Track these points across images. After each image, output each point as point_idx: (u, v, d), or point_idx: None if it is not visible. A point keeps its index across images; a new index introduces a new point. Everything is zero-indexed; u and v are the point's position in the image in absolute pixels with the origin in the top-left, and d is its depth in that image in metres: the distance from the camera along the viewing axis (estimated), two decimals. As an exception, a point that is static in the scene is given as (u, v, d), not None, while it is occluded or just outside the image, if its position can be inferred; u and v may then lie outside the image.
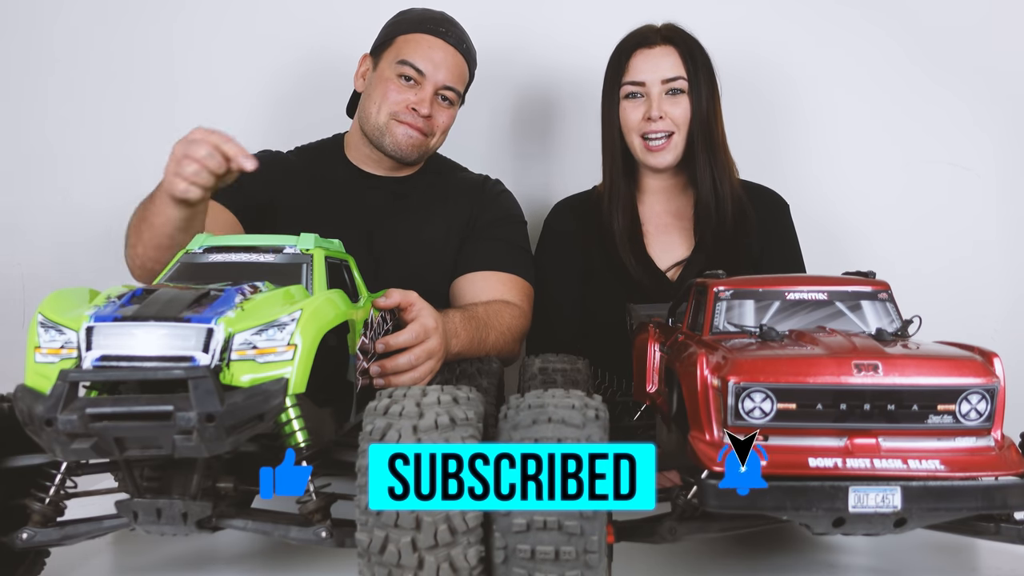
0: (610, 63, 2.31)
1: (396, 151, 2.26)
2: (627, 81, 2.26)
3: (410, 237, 2.28)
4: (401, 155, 2.27)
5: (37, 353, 1.22)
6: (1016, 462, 1.20)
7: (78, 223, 2.82)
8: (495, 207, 2.37)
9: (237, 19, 2.85)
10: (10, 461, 1.33)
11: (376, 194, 2.32)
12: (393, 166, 2.34)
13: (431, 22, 2.29)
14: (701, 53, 2.26)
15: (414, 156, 2.28)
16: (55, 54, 2.84)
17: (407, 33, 2.27)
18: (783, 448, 1.20)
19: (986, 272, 2.84)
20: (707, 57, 2.27)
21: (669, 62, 2.24)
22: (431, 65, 2.23)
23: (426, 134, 2.26)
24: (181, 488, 1.27)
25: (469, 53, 2.34)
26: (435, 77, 2.24)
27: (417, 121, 2.23)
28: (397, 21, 2.33)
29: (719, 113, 2.29)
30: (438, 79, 2.24)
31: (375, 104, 2.25)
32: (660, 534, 1.28)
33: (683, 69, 2.24)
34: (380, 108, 2.24)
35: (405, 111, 2.23)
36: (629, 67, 2.26)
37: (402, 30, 2.28)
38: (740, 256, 2.24)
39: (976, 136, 2.83)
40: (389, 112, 2.23)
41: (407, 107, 2.23)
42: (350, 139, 2.40)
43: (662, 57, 2.25)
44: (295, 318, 1.24)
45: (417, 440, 1.13)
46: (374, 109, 2.25)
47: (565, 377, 1.81)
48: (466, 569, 1.13)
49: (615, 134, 2.31)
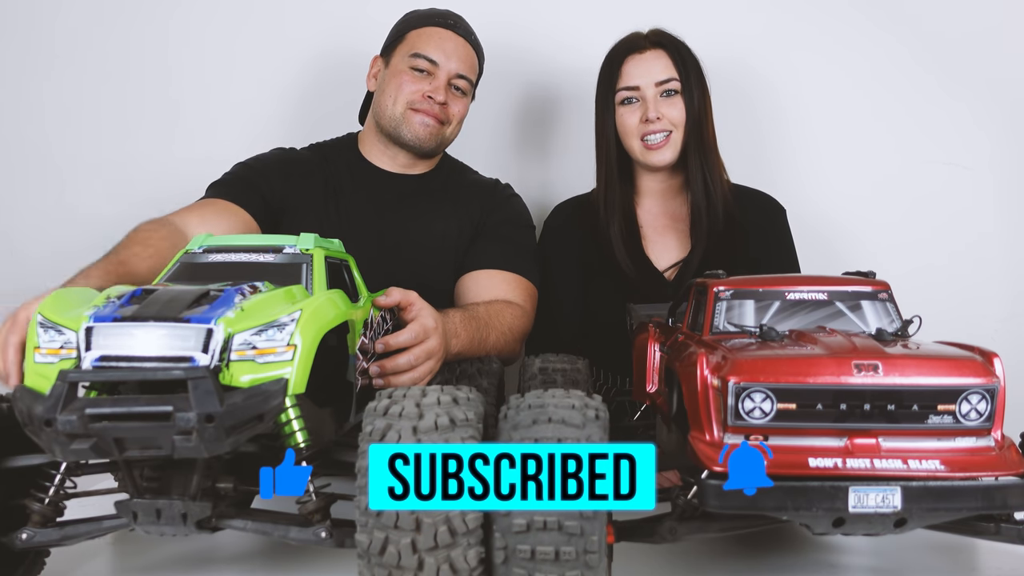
0: (602, 72, 2.34)
1: (415, 140, 2.29)
2: (622, 87, 2.29)
3: (420, 233, 2.30)
4: (420, 144, 2.29)
5: (36, 353, 1.22)
6: (1016, 462, 1.20)
7: (78, 224, 2.81)
8: (505, 209, 2.40)
9: (237, 21, 2.85)
10: (10, 461, 1.34)
11: (390, 190, 2.34)
12: (408, 163, 2.37)
13: (439, 16, 2.35)
14: (690, 55, 2.29)
15: (432, 144, 2.31)
16: (53, 56, 2.83)
17: (417, 28, 2.32)
18: (783, 448, 1.20)
19: (986, 272, 2.84)
20: (696, 59, 2.30)
21: (661, 65, 2.27)
22: (443, 55, 2.28)
23: (442, 122, 2.29)
24: (181, 488, 1.27)
25: (478, 46, 2.38)
26: (448, 66, 2.28)
27: (433, 108, 2.27)
28: (406, 19, 2.38)
29: (710, 114, 2.32)
30: (451, 68, 2.28)
31: (390, 97, 2.29)
32: (660, 534, 1.28)
33: (675, 71, 2.26)
34: (396, 100, 2.28)
35: (421, 99, 2.26)
36: (622, 73, 2.29)
37: (411, 26, 2.34)
38: (736, 257, 2.25)
39: (972, 135, 2.83)
40: (405, 102, 2.27)
41: (423, 95, 2.26)
42: (364, 137, 2.43)
43: (653, 61, 2.27)
44: (295, 318, 1.24)
45: (417, 441, 1.13)
46: (389, 102, 2.29)
47: (565, 377, 1.81)
48: (466, 570, 1.13)
49: (610, 142, 2.33)
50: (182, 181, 2.72)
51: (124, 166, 2.81)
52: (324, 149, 2.43)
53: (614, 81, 2.30)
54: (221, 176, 2.28)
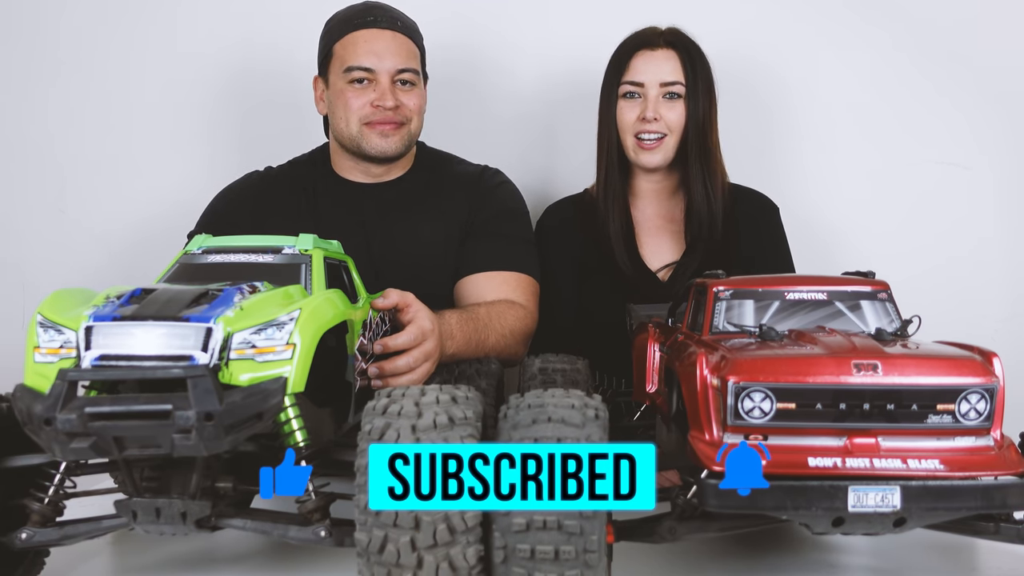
0: (611, 62, 2.33)
1: (380, 152, 2.23)
2: (626, 80, 2.28)
3: (408, 241, 2.26)
4: (385, 154, 2.23)
5: (36, 353, 1.23)
6: (1015, 462, 1.20)
7: (77, 224, 2.82)
8: (493, 201, 2.33)
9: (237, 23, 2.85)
10: (9, 461, 1.33)
11: (369, 203, 2.29)
12: (382, 171, 2.32)
13: (356, 17, 2.23)
14: (702, 61, 2.27)
15: (400, 149, 2.25)
16: (57, 57, 2.83)
17: (340, 38, 2.23)
18: (782, 448, 1.20)
19: (986, 272, 2.84)
20: (708, 66, 2.28)
21: (669, 66, 2.26)
22: (375, 58, 2.19)
23: (400, 123, 2.22)
24: (180, 487, 1.27)
25: (408, 28, 2.27)
26: (384, 67, 2.19)
27: (386, 115, 2.20)
28: (327, 30, 2.28)
29: (715, 122, 2.30)
30: (388, 67, 2.19)
31: (342, 119, 2.22)
32: (660, 534, 1.28)
33: (682, 75, 2.25)
34: (348, 120, 2.21)
35: (372, 111, 2.19)
36: (630, 67, 2.28)
37: (334, 37, 2.24)
38: (731, 259, 2.24)
39: (972, 134, 2.83)
40: (357, 119, 2.20)
41: (372, 107, 2.19)
42: (333, 154, 2.37)
43: (663, 60, 2.26)
44: (294, 317, 1.24)
45: (416, 440, 1.13)
46: (343, 124, 2.22)
47: (565, 377, 1.80)
48: (465, 569, 1.13)
49: (612, 132, 2.32)
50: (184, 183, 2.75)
51: (125, 167, 2.81)
52: (301, 166, 2.38)
53: (620, 73, 2.29)
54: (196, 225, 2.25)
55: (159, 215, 2.73)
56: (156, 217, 2.74)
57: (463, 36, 2.81)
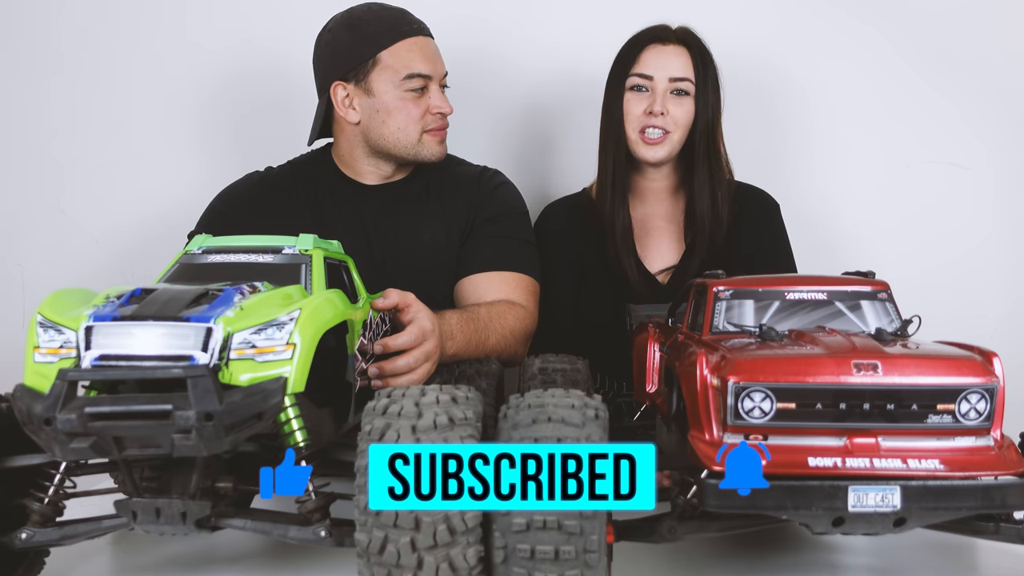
0: (620, 54, 2.31)
1: (437, 159, 2.27)
2: (635, 72, 2.26)
3: (410, 241, 2.26)
4: (439, 158, 2.28)
5: (36, 353, 1.23)
6: (1015, 462, 1.21)
7: (77, 225, 2.82)
8: (493, 202, 2.33)
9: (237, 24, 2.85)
10: (9, 461, 1.33)
11: (371, 203, 2.30)
12: (391, 172, 2.32)
13: (403, 24, 2.23)
14: (711, 61, 2.27)
15: (445, 153, 2.31)
16: (57, 58, 2.83)
17: (389, 46, 2.21)
18: (782, 448, 1.20)
19: (985, 272, 2.84)
20: (716, 68, 2.27)
21: (680, 62, 2.24)
22: (430, 64, 2.23)
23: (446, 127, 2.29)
24: (180, 488, 1.27)
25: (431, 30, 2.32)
26: (437, 72, 2.24)
27: (443, 122, 2.26)
28: (363, 35, 2.22)
29: (719, 124, 2.30)
30: (439, 72, 2.25)
31: (398, 126, 2.21)
32: (660, 534, 1.28)
33: (692, 72, 2.24)
34: (407, 129, 2.21)
35: (432, 119, 2.23)
36: (640, 60, 2.26)
37: (381, 44, 2.21)
38: (731, 260, 2.23)
39: (973, 135, 2.83)
40: (420, 127, 2.22)
41: (432, 114, 2.23)
42: (341, 154, 2.34)
43: (674, 56, 2.25)
44: (294, 317, 1.24)
45: (416, 440, 1.13)
46: (398, 132, 2.22)
47: (565, 377, 1.80)
48: (465, 569, 1.13)
49: (617, 125, 2.29)
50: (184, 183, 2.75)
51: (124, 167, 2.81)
52: (302, 166, 2.38)
53: (629, 65, 2.27)
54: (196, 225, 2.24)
55: (159, 215, 2.73)
56: (156, 217, 2.74)
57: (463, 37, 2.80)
